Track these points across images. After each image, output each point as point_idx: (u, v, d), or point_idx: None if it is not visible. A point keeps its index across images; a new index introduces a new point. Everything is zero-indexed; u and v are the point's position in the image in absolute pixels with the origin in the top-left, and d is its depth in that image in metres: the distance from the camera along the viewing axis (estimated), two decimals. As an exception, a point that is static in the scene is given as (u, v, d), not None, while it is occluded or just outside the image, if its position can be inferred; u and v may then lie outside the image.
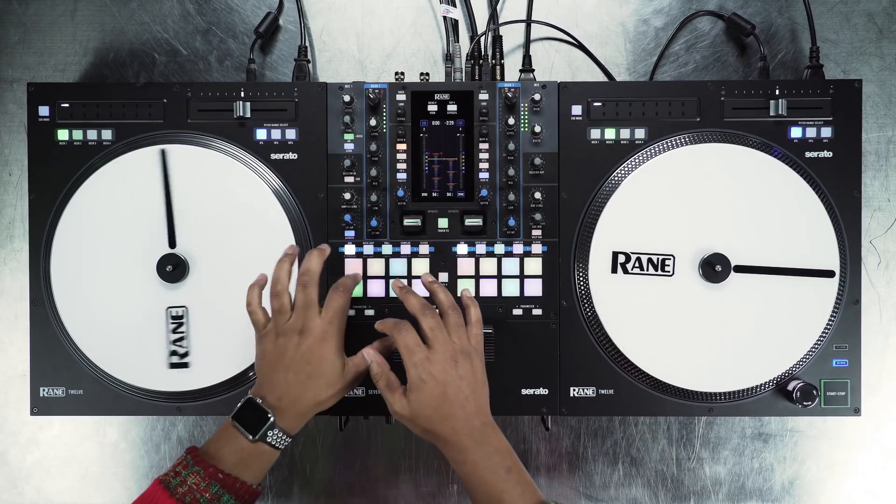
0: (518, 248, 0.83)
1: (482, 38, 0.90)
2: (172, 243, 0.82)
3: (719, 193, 0.82)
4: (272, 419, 0.71)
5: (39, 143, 0.83)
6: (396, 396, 0.73)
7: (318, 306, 0.75)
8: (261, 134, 0.83)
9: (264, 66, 0.93)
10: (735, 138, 0.83)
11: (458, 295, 0.82)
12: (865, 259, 0.91)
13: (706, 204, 0.82)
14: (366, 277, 0.83)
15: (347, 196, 0.82)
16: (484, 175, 0.83)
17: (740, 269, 0.81)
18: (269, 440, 0.71)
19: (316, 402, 0.74)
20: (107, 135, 0.83)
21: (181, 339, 0.82)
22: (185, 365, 0.82)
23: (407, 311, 0.76)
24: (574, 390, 0.83)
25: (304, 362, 0.73)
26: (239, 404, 0.72)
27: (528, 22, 0.92)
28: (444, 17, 0.90)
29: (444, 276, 0.83)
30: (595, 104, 0.83)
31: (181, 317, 0.81)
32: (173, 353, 0.82)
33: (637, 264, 0.82)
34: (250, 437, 0.71)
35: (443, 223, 0.83)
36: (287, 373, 0.73)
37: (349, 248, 0.83)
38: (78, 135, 0.83)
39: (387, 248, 0.83)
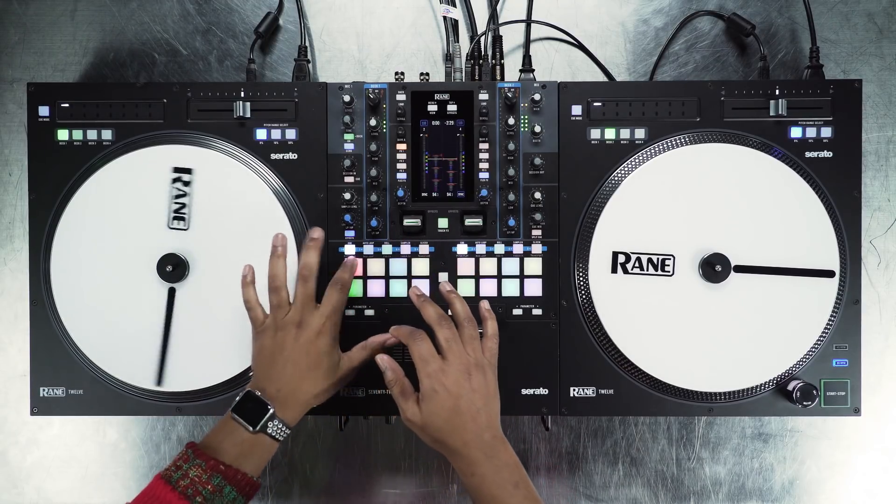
0: (518, 248, 0.83)
1: (482, 38, 0.90)
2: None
3: (719, 193, 0.82)
4: (272, 410, 0.73)
5: (39, 143, 0.83)
6: (409, 404, 0.74)
7: (315, 301, 0.77)
8: (261, 134, 0.83)
9: (264, 66, 0.93)
10: (735, 138, 0.83)
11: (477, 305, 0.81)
12: (865, 259, 0.91)
13: (706, 204, 0.82)
14: (366, 277, 0.83)
15: (347, 196, 0.82)
16: (484, 175, 0.83)
17: (740, 269, 0.81)
18: (269, 431, 0.73)
19: (314, 394, 0.76)
20: (107, 135, 0.83)
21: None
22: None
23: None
24: (574, 390, 0.83)
25: (303, 354, 0.75)
26: (238, 397, 0.74)
27: (528, 22, 0.92)
28: (444, 17, 0.90)
29: (443, 276, 0.83)
30: (595, 104, 0.83)
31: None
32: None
33: (637, 264, 0.81)
34: (251, 428, 0.72)
35: (443, 223, 0.83)
36: (286, 365, 0.75)
37: (349, 248, 0.83)
38: (78, 135, 0.83)
39: (387, 248, 0.83)
